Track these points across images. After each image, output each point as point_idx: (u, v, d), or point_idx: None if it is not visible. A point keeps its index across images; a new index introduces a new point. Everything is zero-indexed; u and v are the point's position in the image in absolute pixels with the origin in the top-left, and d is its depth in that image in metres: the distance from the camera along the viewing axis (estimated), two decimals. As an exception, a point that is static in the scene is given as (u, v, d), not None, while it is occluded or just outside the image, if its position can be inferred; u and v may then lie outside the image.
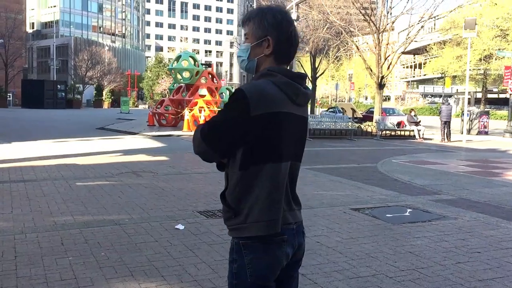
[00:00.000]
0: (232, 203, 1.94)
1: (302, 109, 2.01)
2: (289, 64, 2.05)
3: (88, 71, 63.86)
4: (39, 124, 24.25)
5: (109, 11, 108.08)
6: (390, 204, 7.42)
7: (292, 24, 1.99)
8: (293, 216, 2.01)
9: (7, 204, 6.67)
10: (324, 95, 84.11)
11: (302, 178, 9.46)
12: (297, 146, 2.01)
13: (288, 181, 1.98)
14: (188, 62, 22.78)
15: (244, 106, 1.81)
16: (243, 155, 1.89)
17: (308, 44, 27.93)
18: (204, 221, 6.03)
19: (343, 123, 21.33)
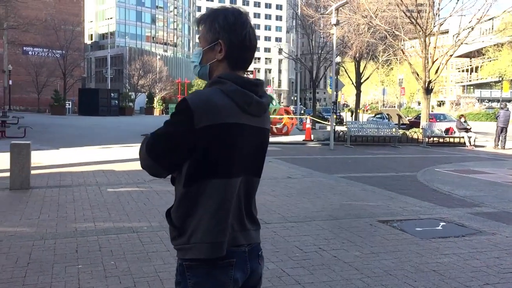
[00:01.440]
0: (176, 222, 1.78)
1: (259, 119, 1.82)
2: (246, 70, 1.87)
3: (140, 79, 65.63)
4: (88, 131, 24.98)
5: (162, 22, 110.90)
6: (423, 217, 7.05)
7: (246, 26, 1.80)
8: (246, 237, 1.83)
9: (37, 210, 6.79)
10: (373, 101, 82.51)
11: (333, 187, 9.24)
12: (253, 159, 1.83)
13: (242, 198, 1.82)
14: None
15: (187, 117, 1.66)
16: (187, 170, 1.74)
17: (352, 49, 27.41)
18: (222, 231, 5.90)
19: (386, 130, 20.73)
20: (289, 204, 7.63)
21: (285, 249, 5.28)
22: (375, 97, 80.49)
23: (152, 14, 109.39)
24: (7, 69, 53.03)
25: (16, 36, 56.21)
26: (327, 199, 8.21)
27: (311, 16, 27.77)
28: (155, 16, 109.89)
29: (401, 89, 65.09)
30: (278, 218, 6.71)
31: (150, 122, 37.14)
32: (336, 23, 17.90)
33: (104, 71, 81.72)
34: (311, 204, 7.70)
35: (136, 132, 23.94)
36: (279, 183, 9.69)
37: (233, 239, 1.77)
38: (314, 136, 20.92)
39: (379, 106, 74.74)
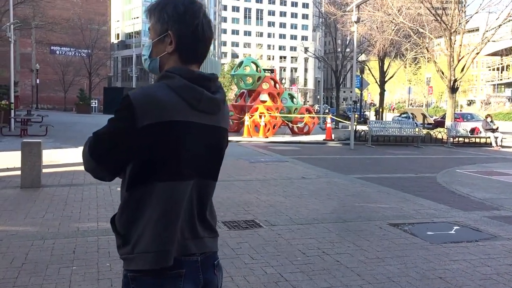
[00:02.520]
0: (120, 230, 1.64)
1: (214, 117, 1.67)
2: (200, 63, 1.71)
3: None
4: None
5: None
6: (436, 220, 6.78)
7: (198, 16, 1.65)
8: (199, 245, 1.67)
9: (43, 209, 6.78)
10: (400, 100, 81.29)
11: (347, 188, 9.01)
12: (206, 161, 1.67)
13: (195, 203, 1.66)
14: (250, 68, 22.72)
15: (129, 115, 1.52)
16: (130, 173, 1.60)
17: (375, 47, 26.91)
18: (224, 233, 5.77)
19: (409, 129, 20.27)
20: (299, 206, 7.46)
21: (287, 253, 5.11)
22: (402, 96, 79.29)
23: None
24: (35, 68, 54.06)
25: (44, 36, 57.26)
26: (339, 200, 8.00)
27: (334, 13, 27.44)
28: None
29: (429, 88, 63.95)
30: (285, 220, 6.54)
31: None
32: (357, 20, 17.56)
33: (128, 70, 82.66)
34: (322, 206, 7.50)
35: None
36: (292, 184, 9.52)
37: (183, 248, 1.62)
38: (335, 135, 20.63)
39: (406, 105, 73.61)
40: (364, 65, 33.28)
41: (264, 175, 10.64)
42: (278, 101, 22.68)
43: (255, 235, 5.77)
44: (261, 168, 11.70)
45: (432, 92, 63.99)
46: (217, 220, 1.80)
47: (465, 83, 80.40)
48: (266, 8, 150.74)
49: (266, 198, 7.94)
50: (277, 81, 24.34)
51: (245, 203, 7.49)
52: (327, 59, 50.77)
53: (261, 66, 23.91)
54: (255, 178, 10.08)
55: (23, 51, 60.00)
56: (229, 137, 9.10)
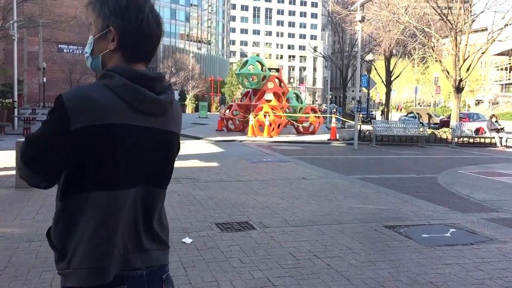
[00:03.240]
0: (56, 243, 1.54)
1: (160, 120, 1.56)
2: (147, 61, 1.60)
3: (172, 77, 66.26)
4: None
5: (196, 20, 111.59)
6: (433, 222, 6.68)
7: (143, 10, 1.54)
8: (145, 258, 1.56)
9: (35, 210, 6.74)
10: (408, 99, 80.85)
11: (347, 189, 8.92)
12: (152, 168, 1.56)
13: (139, 213, 1.55)
14: (255, 67, 22.65)
15: (61, 117, 1.41)
16: (64, 181, 1.50)
17: (381, 46, 26.70)
18: (216, 235, 5.72)
19: (414, 129, 20.10)
20: (295, 207, 7.38)
21: (278, 256, 5.05)
22: (410, 95, 78.85)
23: (186, 12, 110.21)
24: (42, 66, 54.31)
25: (52, 34, 57.54)
26: (336, 201, 7.91)
27: (339, 12, 27.28)
28: (189, 14, 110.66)
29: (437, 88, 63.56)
30: (279, 221, 6.47)
31: (179, 120, 37.41)
32: (361, 19, 17.44)
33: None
34: (318, 207, 7.43)
35: (161, 130, 24.07)
36: (291, 184, 9.44)
37: (126, 262, 1.51)
38: (339, 135, 20.51)
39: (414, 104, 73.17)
40: (371, 64, 33.06)
41: (264, 175, 10.58)
42: (283, 100, 22.59)
43: (247, 237, 5.70)
44: (262, 169, 11.64)
45: (440, 92, 63.57)
46: (169, 230, 1.72)
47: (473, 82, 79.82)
48: (275, 7, 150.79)
49: (263, 199, 7.87)
50: (282, 80, 24.25)
51: (241, 204, 7.43)
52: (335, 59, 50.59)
53: (266, 65, 23.81)
54: (254, 179, 10.01)
55: (31, 50, 60.28)
56: (235, 136, 9.06)
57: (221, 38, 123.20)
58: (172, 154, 1.65)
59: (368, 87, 33.78)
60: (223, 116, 24.52)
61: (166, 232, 1.68)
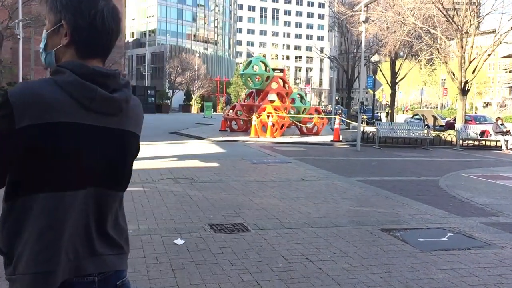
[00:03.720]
0: (2, 247, 1.48)
1: (115, 119, 1.49)
2: (103, 57, 1.53)
3: (178, 77, 66.32)
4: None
5: (202, 20, 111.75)
6: (431, 226, 6.58)
7: (96, 4, 1.47)
8: (97, 263, 1.49)
9: None
10: (415, 101, 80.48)
11: (346, 191, 8.84)
12: (106, 169, 1.49)
13: (91, 216, 1.49)
14: (259, 67, 22.57)
15: (7, 114, 1.35)
16: (9, 182, 1.44)
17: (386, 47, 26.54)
18: (209, 236, 5.66)
19: (418, 131, 19.94)
20: (292, 209, 7.30)
21: (269, 259, 4.97)
22: (417, 97, 78.49)
23: (193, 12, 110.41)
24: (49, 66, 54.54)
25: (59, 34, 57.74)
26: (334, 204, 7.83)
27: (344, 13, 27.16)
28: (196, 14, 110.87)
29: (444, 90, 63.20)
30: (274, 224, 6.40)
31: (183, 120, 37.41)
32: (365, 20, 17.34)
33: (141, 68, 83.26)
34: (315, 209, 7.35)
35: (164, 130, 24.05)
36: (290, 186, 9.37)
37: (76, 267, 1.45)
38: (342, 136, 20.41)
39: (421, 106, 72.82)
40: (376, 65, 32.89)
41: (263, 176, 10.51)
42: (287, 101, 22.51)
43: (240, 239, 5.64)
44: (262, 169, 11.57)
45: (447, 94, 63.22)
46: (127, 233, 1.65)
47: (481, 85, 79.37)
48: (282, 8, 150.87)
49: (260, 201, 7.80)
50: (286, 81, 24.17)
51: (237, 205, 7.36)
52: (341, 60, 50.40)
53: (270, 66, 23.73)
54: (253, 180, 9.94)
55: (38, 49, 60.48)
56: (238, 137, 8.97)
57: (228, 38, 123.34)
58: (129, 155, 1.58)
59: (373, 89, 33.66)
60: (226, 116, 24.47)
61: (123, 236, 1.60)
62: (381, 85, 33.74)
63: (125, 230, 1.63)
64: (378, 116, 39.10)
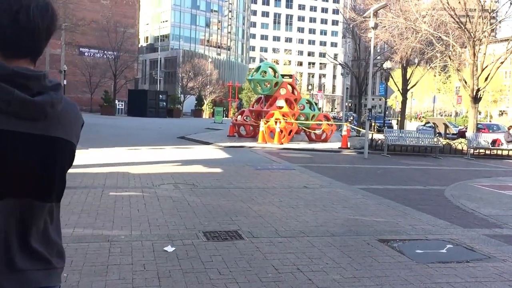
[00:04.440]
0: None
1: (39, 124, 1.38)
2: (31, 58, 1.42)
3: (189, 82, 66.52)
4: (127, 132, 25.30)
5: (216, 25, 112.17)
6: (431, 237, 6.41)
7: (18, 1, 1.36)
8: (18, 280, 1.37)
9: None
10: (428, 109, 79.76)
11: (347, 199, 8.70)
12: (28, 178, 1.38)
13: (12, 229, 1.37)
14: (268, 72, 22.49)
15: None
16: None
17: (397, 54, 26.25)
18: (201, 244, 5.56)
19: (427, 139, 19.67)
20: (289, 217, 7.18)
21: (259, 268, 4.85)
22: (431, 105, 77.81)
23: (207, 17, 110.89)
24: (63, 69, 54.99)
25: (74, 37, 58.45)
26: (334, 212, 7.69)
27: (354, 19, 26.98)
28: (209, 19, 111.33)
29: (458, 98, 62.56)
30: (269, 232, 6.28)
31: (193, 124, 37.40)
32: (374, 26, 17.16)
33: (153, 73, 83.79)
34: (314, 218, 7.21)
35: (173, 135, 24.05)
36: (291, 193, 9.24)
37: None
38: (350, 143, 20.21)
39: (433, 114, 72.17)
40: (388, 72, 32.63)
41: (265, 183, 10.39)
42: (295, 107, 22.37)
43: (232, 247, 5.52)
44: (265, 176, 11.45)
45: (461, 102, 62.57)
46: (59, 247, 1.52)
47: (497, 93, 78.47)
48: (296, 14, 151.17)
49: (258, 208, 7.68)
50: (295, 87, 24.04)
51: (234, 212, 7.25)
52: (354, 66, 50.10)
53: (279, 71, 23.64)
54: (254, 186, 9.83)
55: (53, 52, 61.20)
56: (245, 142, 8.81)
57: (241, 44, 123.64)
58: (58, 163, 1.45)
59: (385, 96, 33.39)
60: (234, 121, 24.41)
61: (52, 249, 1.47)
62: (393, 92, 33.42)
63: (58, 244, 1.50)
64: (389, 123, 38.72)
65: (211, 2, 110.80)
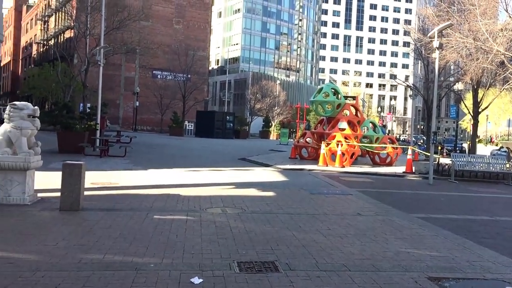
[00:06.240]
0: None
1: None
2: None
3: (257, 103, 67.08)
4: (189, 153, 25.61)
5: (285, 48, 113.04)
6: (489, 276, 5.74)
7: None
8: None
9: (63, 235, 6.65)
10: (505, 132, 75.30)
11: (402, 229, 8.15)
12: None
13: None
14: (330, 94, 22.03)
15: None
16: None
17: (467, 75, 24.86)
18: (231, 276, 5.25)
19: (499, 165, 18.30)
20: (334, 247, 6.72)
21: (287, 306, 4.48)
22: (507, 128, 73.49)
23: (276, 40, 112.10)
24: (136, 91, 57.29)
25: (147, 61, 60.99)
26: (384, 243, 7.13)
27: (420, 39, 25.97)
28: (279, 42, 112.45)
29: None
30: (308, 264, 5.87)
31: (257, 146, 37.44)
32: (438, 46, 16.33)
33: (221, 94, 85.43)
34: (360, 249, 6.71)
35: (235, 156, 24.07)
36: (342, 221, 8.74)
37: None
38: (415, 168, 19.23)
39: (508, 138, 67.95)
40: (459, 94, 31.09)
41: (317, 209, 9.96)
42: (358, 129, 21.72)
43: (264, 281, 5.17)
44: (318, 201, 11.00)
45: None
46: None
47: None
48: (366, 36, 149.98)
49: (303, 236, 7.28)
50: (358, 109, 23.41)
51: (276, 241, 6.90)
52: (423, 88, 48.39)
53: (342, 93, 23.13)
54: (304, 212, 9.43)
55: (128, 75, 64.06)
56: (305, 165, 8.57)
57: (310, 66, 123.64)
58: None
59: (457, 118, 31.80)
60: (296, 143, 24.07)
61: None
62: (465, 114, 31.78)
63: None
64: (461, 146, 36.76)
65: (281, 25, 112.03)
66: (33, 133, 9.06)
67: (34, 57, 77.67)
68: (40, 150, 9.30)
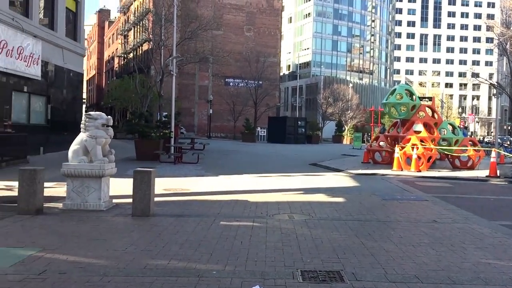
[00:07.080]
0: None
1: None
2: None
3: (329, 107, 66.29)
4: (261, 159, 25.65)
5: (358, 50, 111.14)
6: None
7: None
8: None
9: (133, 240, 6.78)
10: None
11: (483, 238, 7.60)
12: None
13: None
14: (403, 95, 21.19)
15: None
16: None
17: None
18: (294, 285, 5.07)
19: None
20: (405, 257, 6.34)
21: (352, 319, 4.23)
22: None
23: (348, 42, 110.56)
24: (209, 99, 58.58)
25: (219, 69, 62.28)
26: (462, 253, 6.64)
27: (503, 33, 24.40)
28: (351, 44, 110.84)
29: None
30: (377, 274, 5.55)
31: (329, 150, 36.87)
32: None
33: (293, 100, 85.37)
34: (435, 259, 6.27)
35: (306, 161, 23.83)
36: (415, 228, 8.28)
37: None
38: (500, 171, 18.01)
39: None
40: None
41: (388, 215, 9.53)
42: (435, 131, 20.73)
43: (328, 291, 4.95)
44: (390, 207, 10.54)
45: None
46: None
47: None
48: (445, 34, 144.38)
49: (373, 245, 6.95)
50: (435, 110, 22.38)
51: (343, 249, 6.63)
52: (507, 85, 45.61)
53: (416, 94, 22.21)
54: (375, 219, 9.04)
55: (201, 84, 65.69)
56: (378, 169, 8.45)
57: (384, 68, 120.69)
58: None
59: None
60: (369, 148, 23.41)
61: None
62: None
63: None
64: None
65: (353, 27, 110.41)
66: (107, 142, 9.37)
67: (116, 70, 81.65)
68: (114, 158, 9.61)
